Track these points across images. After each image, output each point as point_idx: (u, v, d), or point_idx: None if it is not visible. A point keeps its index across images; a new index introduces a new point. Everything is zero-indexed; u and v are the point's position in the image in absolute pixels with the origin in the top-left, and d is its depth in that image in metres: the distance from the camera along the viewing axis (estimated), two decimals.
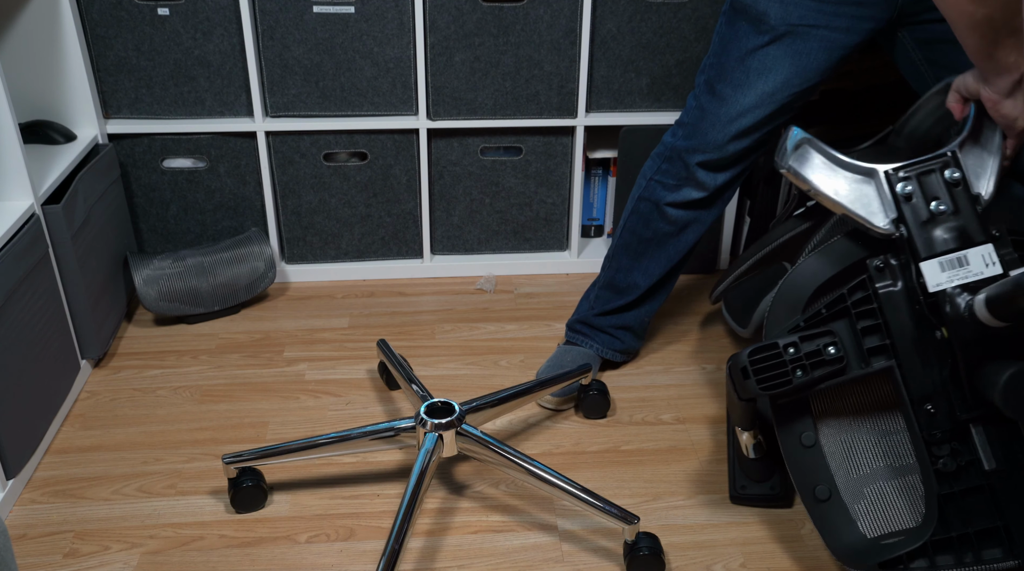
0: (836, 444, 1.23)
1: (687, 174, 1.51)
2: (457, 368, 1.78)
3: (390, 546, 1.20)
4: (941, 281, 1.14)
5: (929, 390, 1.17)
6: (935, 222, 1.16)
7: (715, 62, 1.45)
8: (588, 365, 1.60)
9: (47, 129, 1.74)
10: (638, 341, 1.75)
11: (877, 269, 1.18)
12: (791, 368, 1.16)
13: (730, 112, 1.43)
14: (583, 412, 1.62)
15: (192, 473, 1.49)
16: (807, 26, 1.35)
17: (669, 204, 1.55)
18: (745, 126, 1.44)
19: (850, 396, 1.25)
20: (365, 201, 2.03)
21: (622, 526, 1.28)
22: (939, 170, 1.17)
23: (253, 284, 1.95)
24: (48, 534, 1.36)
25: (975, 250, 1.14)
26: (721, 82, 1.43)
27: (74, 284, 1.62)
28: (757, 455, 1.37)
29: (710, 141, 1.46)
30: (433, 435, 1.35)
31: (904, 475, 1.22)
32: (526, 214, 2.09)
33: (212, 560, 1.32)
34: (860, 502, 1.21)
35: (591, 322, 1.70)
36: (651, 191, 1.56)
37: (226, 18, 1.82)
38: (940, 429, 1.16)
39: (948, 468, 1.15)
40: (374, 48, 1.87)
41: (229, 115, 1.92)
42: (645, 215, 1.58)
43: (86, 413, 1.63)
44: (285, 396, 1.68)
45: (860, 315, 1.19)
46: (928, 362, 1.17)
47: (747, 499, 1.42)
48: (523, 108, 1.95)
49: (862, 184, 1.19)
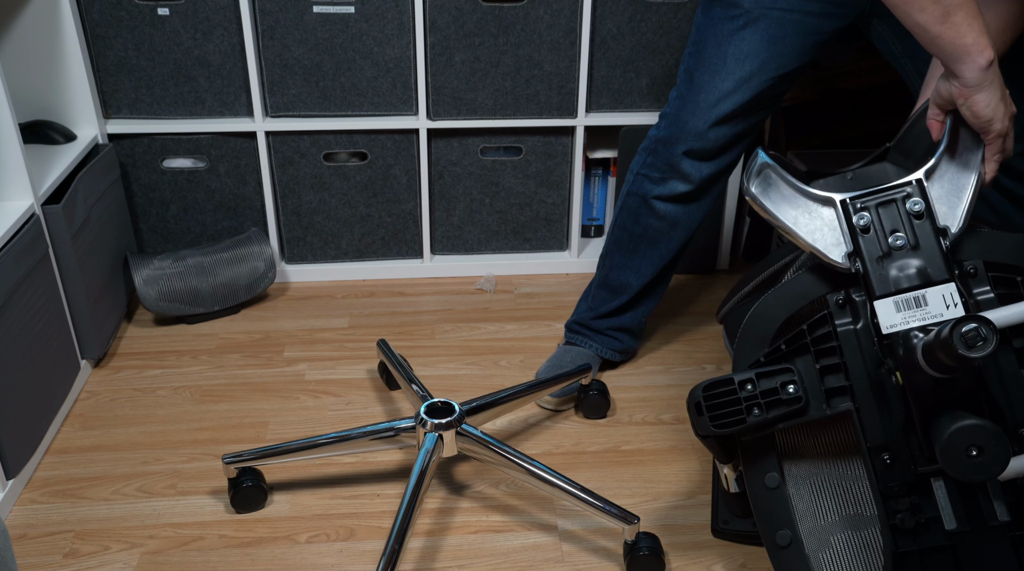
0: (804, 487, 1.13)
1: (671, 165, 1.51)
2: (457, 368, 1.78)
3: (390, 546, 1.20)
4: (896, 322, 1.03)
5: (885, 439, 1.05)
6: (892, 257, 1.05)
7: (693, 51, 1.44)
8: (588, 365, 1.60)
9: (47, 129, 1.74)
10: (636, 341, 1.75)
11: (837, 305, 1.08)
12: (746, 406, 1.06)
13: (709, 99, 1.42)
14: (583, 412, 1.62)
15: (192, 473, 1.49)
16: (781, 10, 1.34)
17: (657, 197, 1.54)
18: (725, 112, 1.43)
19: (820, 436, 1.15)
20: (365, 201, 2.03)
21: (622, 526, 1.28)
22: (901, 200, 1.07)
23: (253, 284, 1.95)
24: (48, 534, 1.36)
25: (935, 289, 1.04)
26: (699, 69, 1.43)
27: (74, 284, 1.62)
28: (739, 488, 1.24)
29: (691, 129, 1.45)
30: (433, 435, 1.35)
31: (866, 527, 1.11)
32: (526, 214, 2.09)
33: (212, 560, 1.32)
34: (824, 551, 1.10)
35: (589, 324, 1.70)
36: (638, 185, 1.56)
37: (226, 18, 1.82)
38: (897, 481, 1.05)
39: (906, 524, 1.04)
40: (374, 48, 1.87)
41: (229, 115, 1.92)
42: (634, 210, 1.58)
43: (86, 413, 1.63)
44: (285, 396, 1.68)
45: (821, 353, 1.08)
46: (885, 408, 1.05)
47: (729, 534, 1.37)
48: (523, 108, 1.95)
49: (821, 214, 1.10)
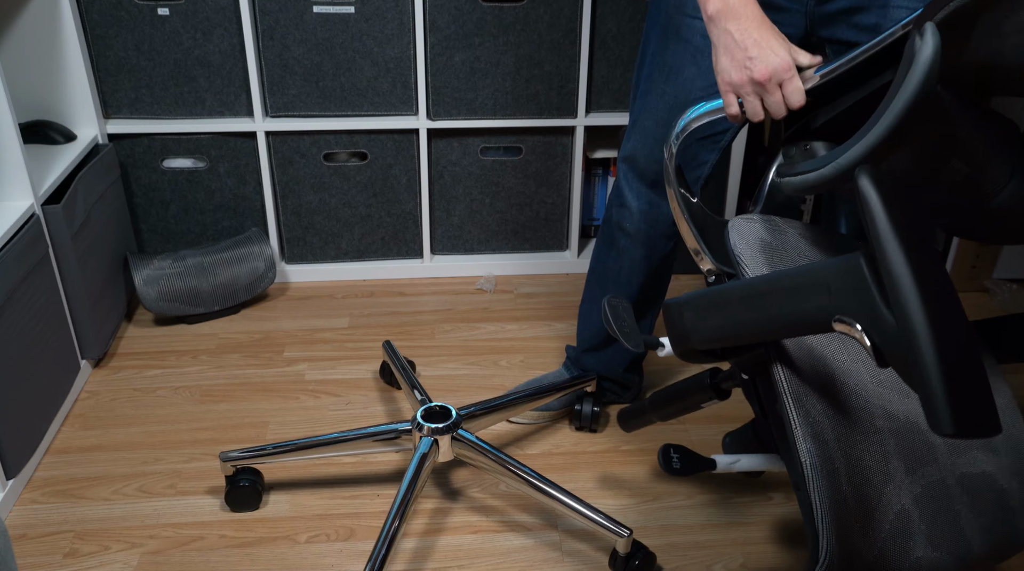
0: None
1: (624, 188, 1.41)
2: (457, 368, 1.77)
3: (377, 549, 1.20)
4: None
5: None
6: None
7: (635, 72, 1.37)
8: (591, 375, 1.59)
9: (47, 129, 1.74)
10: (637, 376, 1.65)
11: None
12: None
13: (647, 120, 1.34)
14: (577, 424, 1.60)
15: (192, 473, 1.49)
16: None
17: (618, 224, 1.44)
18: (662, 133, 1.32)
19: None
20: (365, 201, 2.03)
21: (615, 538, 1.28)
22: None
23: (253, 284, 1.95)
24: (48, 534, 1.36)
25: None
26: (636, 89, 1.36)
27: (74, 284, 1.62)
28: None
29: (637, 151, 1.36)
30: (429, 439, 1.35)
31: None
32: (526, 214, 2.09)
33: (212, 560, 1.32)
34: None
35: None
36: (608, 210, 1.47)
37: (226, 18, 1.82)
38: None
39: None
40: (374, 48, 1.87)
41: (229, 115, 1.92)
42: (607, 237, 1.49)
43: (86, 413, 1.63)
44: (285, 396, 1.68)
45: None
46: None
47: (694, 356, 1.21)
48: (523, 108, 1.95)
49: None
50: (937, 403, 0.74)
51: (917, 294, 0.75)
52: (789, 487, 1.47)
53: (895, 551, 0.94)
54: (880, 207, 0.79)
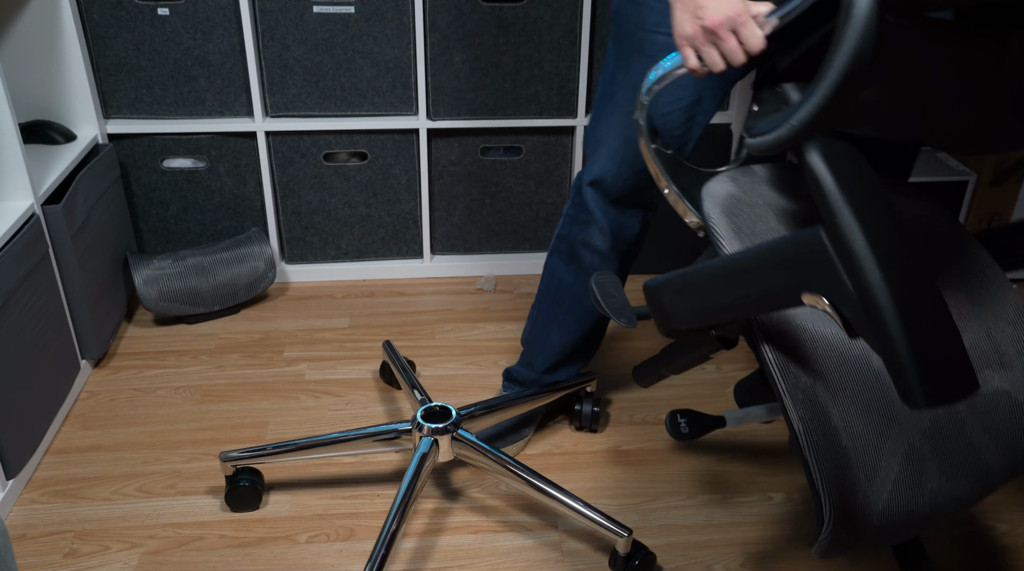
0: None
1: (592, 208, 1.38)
2: (457, 368, 1.77)
3: (377, 549, 1.20)
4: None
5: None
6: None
7: (597, 92, 1.36)
8: (592, 375, 1.59)
9: (47, 129, 1.74)
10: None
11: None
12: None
13: (614, 141, 1.32)
14: (577, 424, 1.60)
15: (192, 473, 1.49)
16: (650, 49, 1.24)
17: (584, 242, 1.41)
18: (632, 150, 1.30)
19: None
20: (365, 201, 2.03)
21: (615, 538, 1.28)
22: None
23: (253, 284, 1.95)
24: (48, 534, 1.36)
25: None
26: (600, 109, 1.34)
27: (74, 284, 1.62)
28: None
29: (606, 173, 1.34)
30: (428, 439, 1.35)
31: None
32: (526, 214, 2.09)
33: (212, 560, 1.32)
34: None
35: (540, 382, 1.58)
36: (566, 228, 1.44)
37: (226, 18, 1.82)
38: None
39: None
40: (374, 48, 1.87)
41: (229, 115, 1.92)
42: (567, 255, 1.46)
43: (86, 413, 1.63)
44: (285, 396, 1.68)
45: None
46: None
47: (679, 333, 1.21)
48: (523, 108, 1.95)
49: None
50: (906, 376, 0.74)
51: (878, 269, 0.75)
52: (789, 487, 1.48)
53: (907, 490, 0.95)
54: (832, 184, 0.79)
